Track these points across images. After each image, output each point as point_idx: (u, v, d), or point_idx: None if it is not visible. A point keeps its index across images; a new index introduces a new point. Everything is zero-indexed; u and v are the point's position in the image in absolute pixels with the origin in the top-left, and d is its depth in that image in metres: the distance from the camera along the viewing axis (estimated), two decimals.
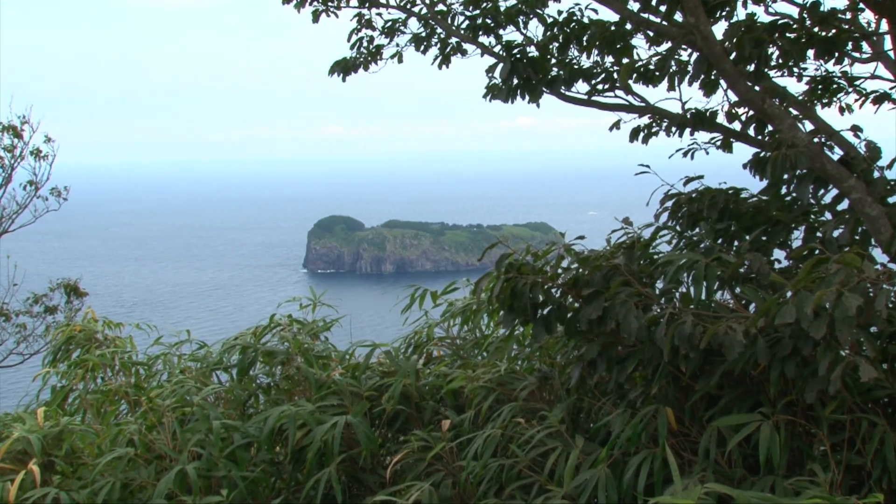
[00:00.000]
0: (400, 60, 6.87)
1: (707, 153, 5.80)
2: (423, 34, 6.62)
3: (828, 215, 4.75)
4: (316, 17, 6.80)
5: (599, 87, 5.88)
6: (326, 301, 6.45)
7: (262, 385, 5.87)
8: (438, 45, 6.60)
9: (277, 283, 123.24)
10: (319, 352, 5.86)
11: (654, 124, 6.08)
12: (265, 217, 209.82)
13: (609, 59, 5.86)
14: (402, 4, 6.61)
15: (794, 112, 5.08)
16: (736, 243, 4.75)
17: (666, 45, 5.76)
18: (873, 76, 5.71)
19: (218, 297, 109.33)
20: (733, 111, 5.59)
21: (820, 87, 5.78)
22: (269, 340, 5.97)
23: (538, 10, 5.93)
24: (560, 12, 5.86)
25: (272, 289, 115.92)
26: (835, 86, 5.79)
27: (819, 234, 4.58)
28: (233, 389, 5.60)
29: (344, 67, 6.75)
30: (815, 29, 5.17)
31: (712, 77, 5.43)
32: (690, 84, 5.42)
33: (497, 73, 5.64)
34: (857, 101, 5.94)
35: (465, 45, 6.44)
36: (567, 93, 5.82)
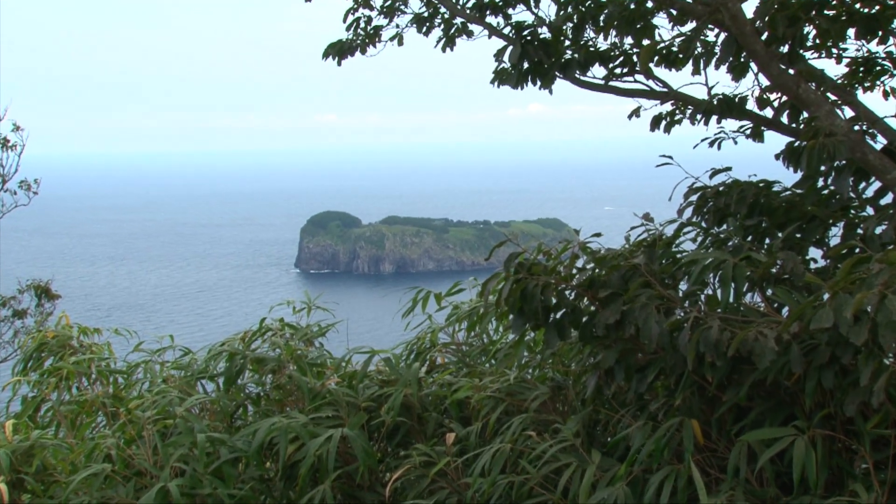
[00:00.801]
0: (400, 43, 6.86)
1: (735, 143, 5.78)
2: (426, 14, 6.61)
3: (869, 210, 4.73)
4: None
5: (618, 71, 5.87)
6: (321, 304, 6.45)
7: (252, 395, 5.87)
8: (442, 27, 6.59)
9: (267, 284, 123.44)
10: (313, 359, 5.86)
11: (677, 111, 6.06)
12: (254, 213, 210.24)
13: (628, 41, 5.84)
14: None
15: (833, 97, 5.06)
16: (767, 241, 4.74)
17: (690, 25, 5.74)
18: None
19: (203, 300, 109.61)
20: (765, 97, 5.57)
21: (861, 69, 5.75)
22: (258, 347, 5.97)
23: None
24: None
25: (262, 291, 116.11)
26: (878, 68, 5.75)
27: (859, 231, 4.55)
28: (219, 400, 5.60)
29: (339, 51, 6.74)
30: (857, 5, 5.14)
31: (741, 59, 5.41)
32: (717, 67, 5.40)
33: (506, 57, 5.64)
34: None
35: (471, 26, 6.43)
36: (582, 78, 5.80)
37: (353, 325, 6.70)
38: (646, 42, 5.73)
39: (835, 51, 5.51)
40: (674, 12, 5.75)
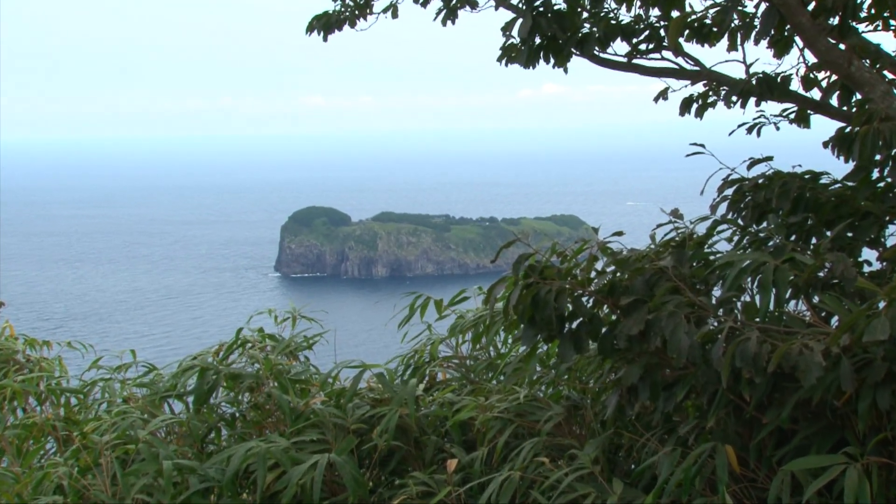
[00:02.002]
0: (394, 15, 6.87)
1: (778, 128, 5.78)
2: None
3: None
4: None
5: (643, 47, 5.87)
6: (306, 312, 6.45)
7: (226, 416, 5.87)
8: None
9: (244, 290, 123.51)
10: (296, 375, 5.86)
11: (710, 93, 6.06)
12: (227, 208, 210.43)
13: (655, 13, 5.84)
14: None
15: (890, 76, 5.05)
16: (814, 241, 4.73)
17: None
18: None
19: (170, 309, 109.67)
20: (811, 76, 5.57)
21: None
22: (234, 361, 5.97)
23: None
24: None
25: (238, 298, 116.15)
26: None
27: None
28: (188, 422, 5.60)
29: (325, 24, 6.74)
30: None
31: (785, 33, 5.41)
32: (757, 42, 5.40)
33: (515, 31, 5.63)
34: None
35: None
36: (602, 55, 5.80)
37: (342, 337, 6.70)
38: (675, 14, 5.73)
39: (893, 23, 5.50)
40: None
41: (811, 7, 4.89)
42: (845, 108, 5.28)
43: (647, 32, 5.87)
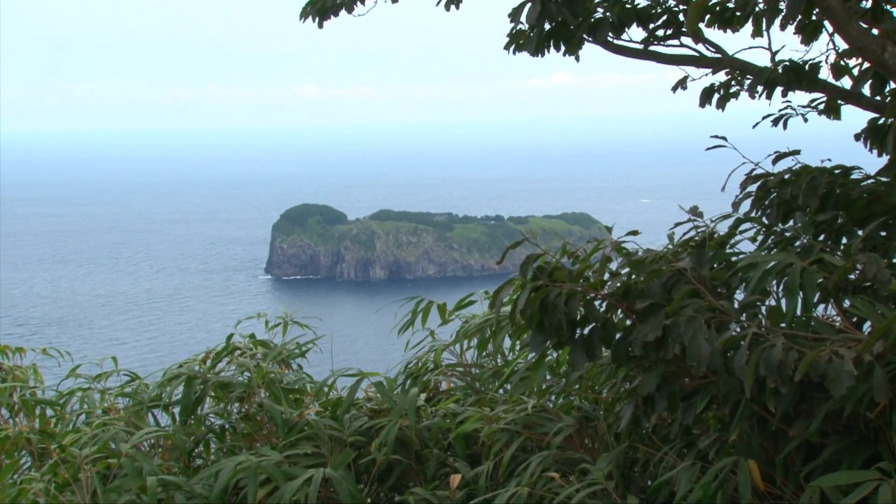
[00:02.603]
0: (394, 0, 6.86)
1: (805, 120, 5.77)
2: None
3: None
4: None
5: (660, 33, 5.87)
6: (299, 317, 6.46)
7: (214, 428, 5.88)
8: None
9: (232, 294, 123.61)
10: (289, 384, 5.86)
11: (732, 82, 6.06)
12: (216, 205, 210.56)
13: None
14: None
15: None
16: (844, 241, 4.73)
17: None
18: None
19: (154, 314, 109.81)
20: (842, 63, 5.56)
21: None
22: (223, 369, 5.97)
23: None
24: None
25: (226, 302, 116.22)
26: None
27: None
28: (175, 434, 5.61)
29: (320, 10, 6.73)
30: None
31: (813, 17, 5.40)
32: (783, 27, 5.39)
33: (523, 17, 5.62)
34: None
35: None
36: (617, 41, 5.80)
37: (338, 343, 6.72)
38: None
39: None
40: None
41: None
42: (878, 97, 5.27)
43: (664, 17, 5.86)
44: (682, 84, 6.20)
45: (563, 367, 5.67)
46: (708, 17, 5.89)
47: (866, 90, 5.29)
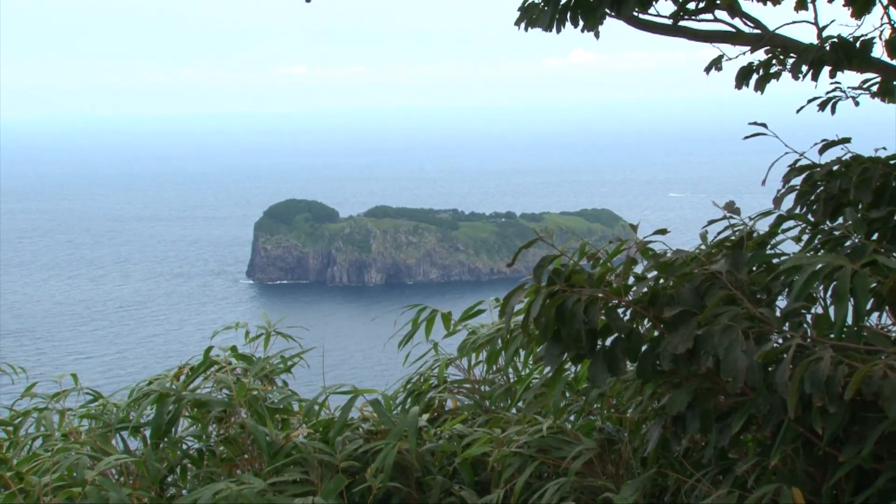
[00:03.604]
0: None
1: (857, 104, 5.77)
2: None
3: None
4: None
5: (691, 6, 5.87)
6: (285, 327, 6.46)
7: (190, 452, 5.88)
8: None
9: (210, 301, 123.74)
10: (274, 402, 5.87)
11: (773, 61, 6.05)
12: (191, 201, 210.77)
13: None
14: None
15: None
16: None
17: None
18: None
19: (122, 325, 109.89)
20: None
21: None
22: (199, 386, 5.98)
23: None
24: None
25: (202, 311, 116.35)
26: None
27: None
28: (145, 460, 5.61)
29: None
30: None
31: None
32: (831, 0, 5.40)
33: None
34: None
35: None
36: (642, 16, 5.80)
37: (329, 357, 6.72)
38: None
39: None
40: None
41: None
42: None
43: None
44: (716, 64, 6.20)
45: (582, 383, 5.67)
46: None
47: None
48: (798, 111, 5.70)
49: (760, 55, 6.05)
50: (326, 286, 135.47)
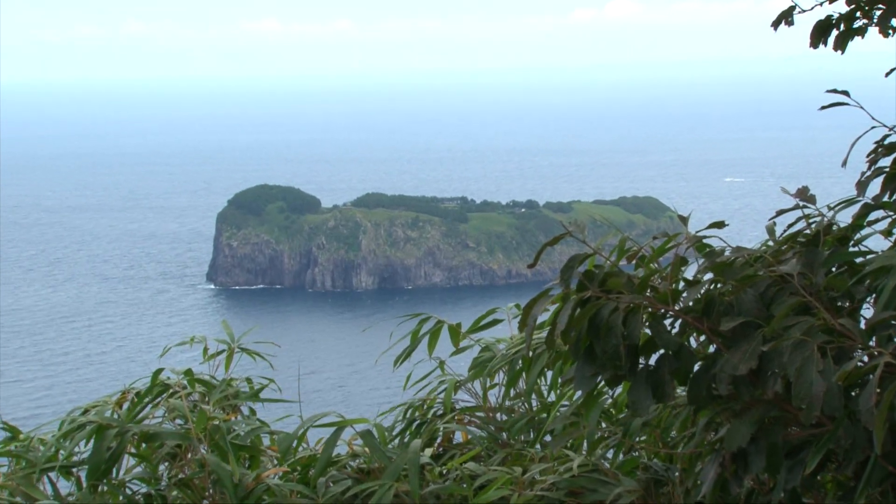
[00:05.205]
0: None
1: None
2: None
3: None
4: None
5: None
6: (253, 342, 6.46)
7: (137, 498, 5.88)
8: None
9: (161, 309, 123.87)
10: (241, 434, 5.87)
11: (857, 14, 6.05)
12: (139, 187, 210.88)
13: None
14: None
15: None
16: None
17: None
18: None
19: (56, 342, 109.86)
20: None
21: None
22: (147, 415, 5.98)
23: None
24: None
25: (152, 322, 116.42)
26: None
27: None
28: None
29: None
30: None
31: None
32: None
33: None
34: None
35: None
36: None
37: (310, 379, 6.73)
38: None
39: None
40: None
41: None
42: None
43: None
44: (786, 17, 6.20)
45: (621, 410, 5.67)
46: None
47: None
48: (887, 75, 5.69)
49: (841, 6, 6.05)
50: (306, 292, 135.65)
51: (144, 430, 5.77)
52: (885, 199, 4.94)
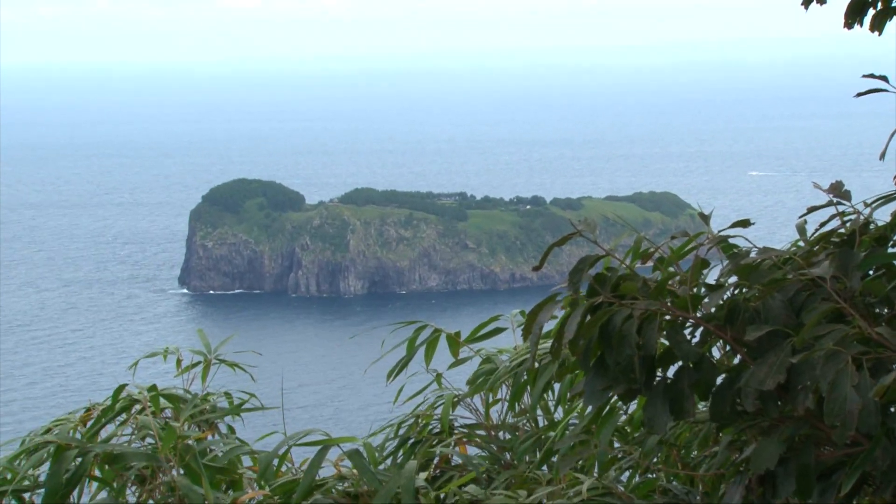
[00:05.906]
0: None
1: None
2: None
3: None
4: None
5: None
6: (232, 352, 6.46)
7: None
8: None
9: (130, 317, 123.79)
10: (218, 455, 5.87)
11: None
12: (102, 181, 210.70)
13: None
14: None
15: None
16: None
17: None
18: None
19: (11, 352, 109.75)
20: None
21: None
22: (114, 434, 5.98)
23: None
24: None
25: (120, 331, 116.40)
26: None
27: None
28: None
29: None
30: None
31: None
32: None
33: None
34: None
35: None
36: None
37: (295, 393, 6.73)
38: None
39: None
40: None
41: None
42: None
43: None
44: None
45: (637, 428, 5.68)
46: None
47: None
48: None
49: None
50: (288, 297, 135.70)
51: (108, 450, 5.75)
52: None
